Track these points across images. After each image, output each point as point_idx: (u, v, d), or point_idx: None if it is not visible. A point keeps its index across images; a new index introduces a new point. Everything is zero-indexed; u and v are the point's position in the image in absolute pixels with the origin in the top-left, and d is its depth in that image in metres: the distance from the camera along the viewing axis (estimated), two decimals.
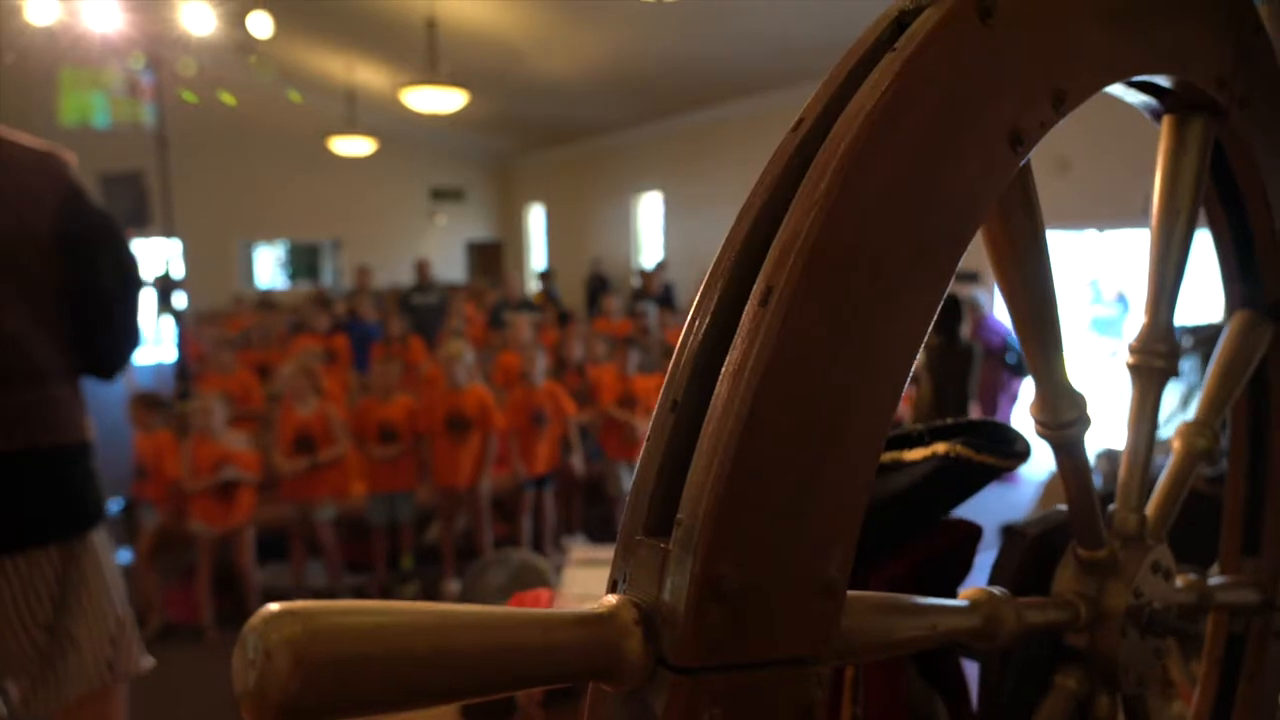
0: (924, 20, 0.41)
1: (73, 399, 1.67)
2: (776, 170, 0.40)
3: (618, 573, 0.37)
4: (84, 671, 1.65)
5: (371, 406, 4.60)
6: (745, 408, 0.34)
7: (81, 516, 1.67)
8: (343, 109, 11.89)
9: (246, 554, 4.22)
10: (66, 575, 1.64)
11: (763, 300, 0.35)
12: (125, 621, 1.73)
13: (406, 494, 4.63)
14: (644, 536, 0.37)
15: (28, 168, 1.61)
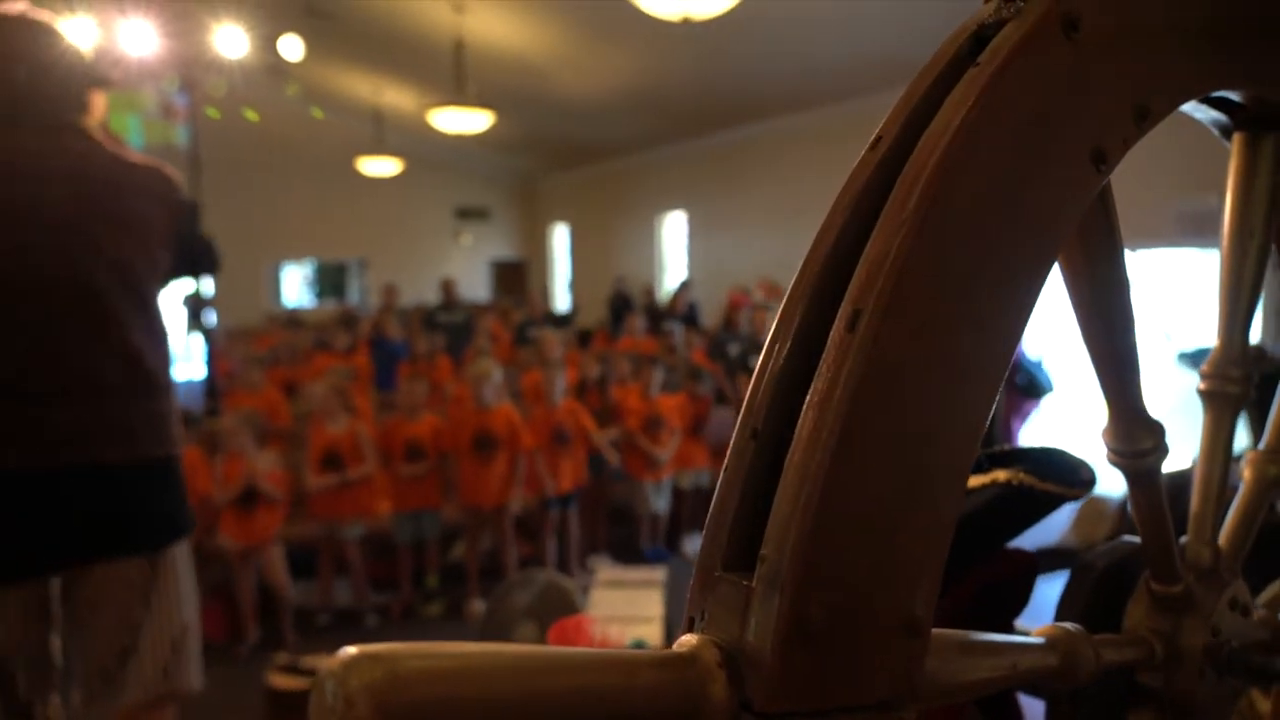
0: (1007, 35, 0.39)
1: (174, 413, 1.73)
2: (856, 189, 0.39)
3: (695, 609, 0.35)
4: (142, 676, 1.67)
5: (398, 425, 4.61)
6: (834, 438, 0.32)
7: (174, 527, 1.72)
8: (370, 130, 12.05)
9: (278, 571, 4.22)
10: (151, 582, 1.68)
11: (850, 324, 0.34)
12: (190, 631, 1.75)
13: (432, 512, 4.63)
14: (724, 572, 0.35)
15: (144, 190, 1.69)
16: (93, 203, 1.61)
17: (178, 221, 1.74)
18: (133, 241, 1.64)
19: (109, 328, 1.60)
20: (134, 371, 1.63)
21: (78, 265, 1.58)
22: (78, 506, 1.60)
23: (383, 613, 4.59)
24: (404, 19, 8.65)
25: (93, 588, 1.65)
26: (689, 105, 9.64)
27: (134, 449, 1.63)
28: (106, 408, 1.60)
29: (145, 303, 1.67)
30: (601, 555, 5.30)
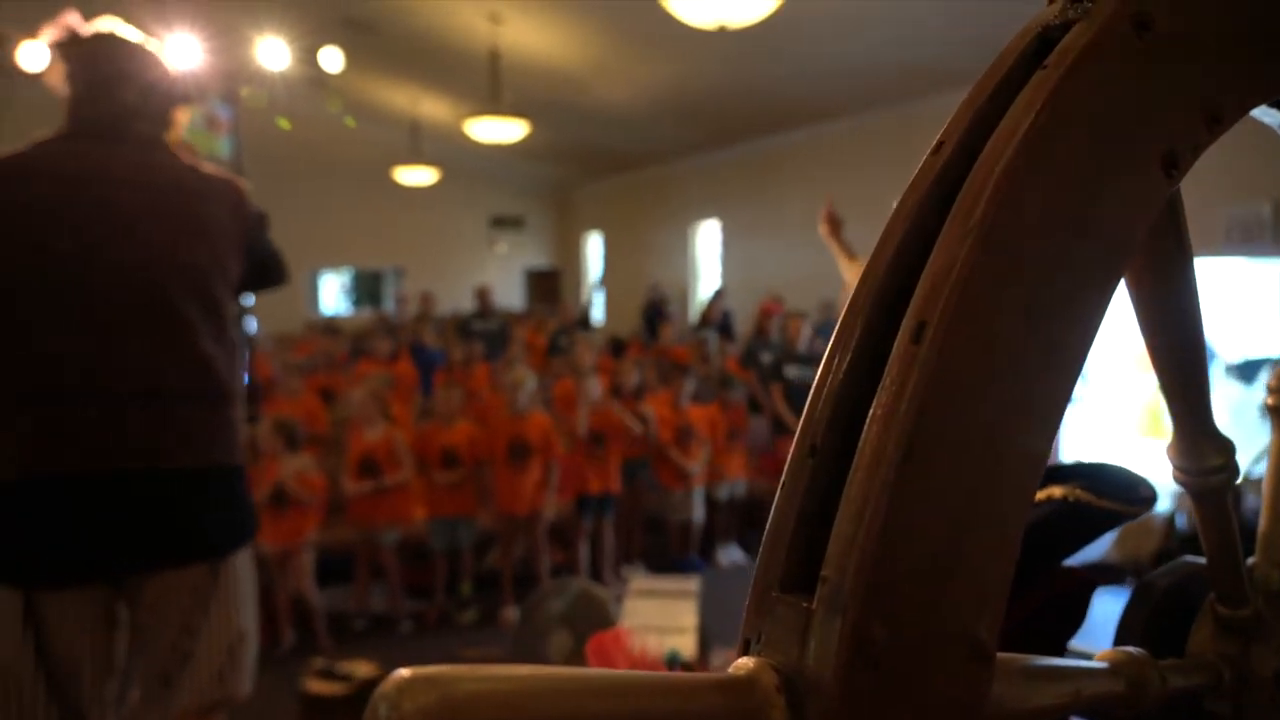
0: (1076, 36, 0.38)
1: (240, 421, 1.76)
2: (918, 196, 0.37)
3: (751, 631, 0.34)
4: (198, 681, 1.69)
5: (434, 432, 4.64)
6: (898, 453, 0.31)
7: (238, 534, 1.74)
8: (407, 140, 12.19)
9: (305, 577, 4.27)
10: (219, 585, 1.70)
11: (915, 336, 0.32)
12: (248, 637, 1.77)
13: (467, 519, 4.65)
14: (781, 593, 0.34)
15: (217, 200, 1.73)
16: (168, 211, 1.65)
17: (248, 232, 1.78)
18: (206, 249, 1.68)
19: (180, 334, 1.62)
20: (203, 379, 1.66)
21: (151, 271, 1.61)
22: (145, 512, 1.62)
23: (417, 619, 4.62)
24: (441, 30, 8.74)
25: (157, 593, 1.67)
26: (723, 113, 9.62)
27: (202, 456, 1.65)
28: (175, 414, 1.62)
29: (216, 310, 1.69)
30: (635, 564, 5.28)
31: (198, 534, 1.69)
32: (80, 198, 1.58)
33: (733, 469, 5.50)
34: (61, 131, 1.67)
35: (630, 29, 7.87)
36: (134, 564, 1.63)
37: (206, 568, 1.70)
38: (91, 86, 1.69)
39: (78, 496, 1.56)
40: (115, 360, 1.57)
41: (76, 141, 1.65)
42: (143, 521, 1.62)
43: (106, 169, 1.62)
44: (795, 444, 0.36)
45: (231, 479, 1.75)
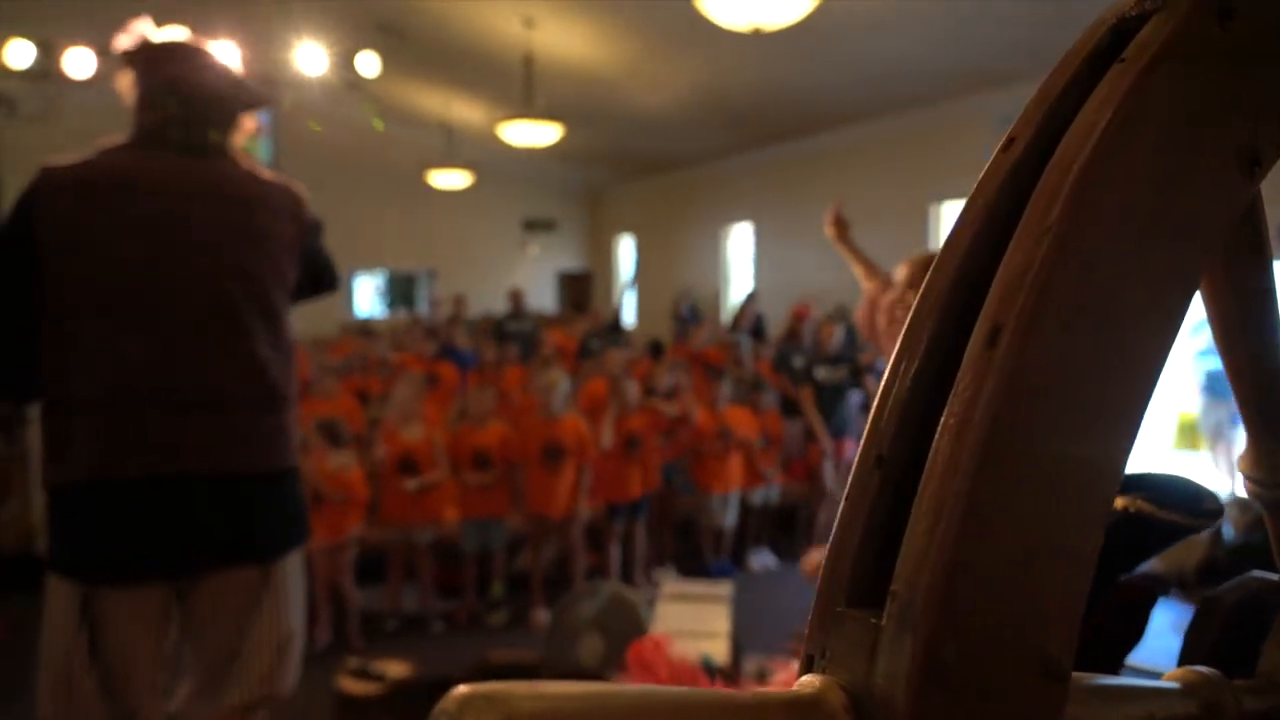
0: (1155, 28, 0.36)
1: (295, 424, 1.79)
2: (988, 195, 0.36)
3: (814, 647, 0.33)
4: (246, 679, 1.73)
5: (467, 433, 4.66)
6: (973, 463, 0.30)
7: (291, 536, 1.78)
8: (440, 143, 12.29)
9: (346, 574, 4.30)
10: (270, 586, 1.73)
11: (989, 341, 0.31)
12: (295, 637, 1.80)
13: (499, 521, 4.67)
14: (848, 608, 0.33)
15: (275, 206, 1.75)
16: (230, 221, 1.67)
17: (305, 238, 1.79)
18: (263, 256, 1.70)
19: (239, 341, 1.65)
20: (259, 385, 1.68)
21: (214, 281, 1.64)
22: (203, 516, 1.65)
23: (448, 619, 4.64)
24: (474, 35, 8.81)
25: (210, 593, 1.70)
26: (757, 115, 9.58)
27: (257, 461, 1.69)
28: (233, 421, 1.65)
29: (273, 316, 1.72)
30: (666, 568, 5.26)
31: (252, 537, 1.72)
32: (145, 208, 1.61)
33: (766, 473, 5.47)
34: (128, 140, 1.70)
35: (663, 32, 7.86)
36: (191, 566, 1.67)
37: (259, 569, 1.73)
38: (159, 94, 1.71)
39: (140, 500, 1.60)
40: (179, 368, 1.61)
41: (142, 150, 1.67)
42: (201, 524, 1.66)
43: (171, 179, 1.65)
44: (860, 453, 0.35)
45: (285, 482, 1.78)
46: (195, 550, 1.67)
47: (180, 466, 1.61)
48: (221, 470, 1.64)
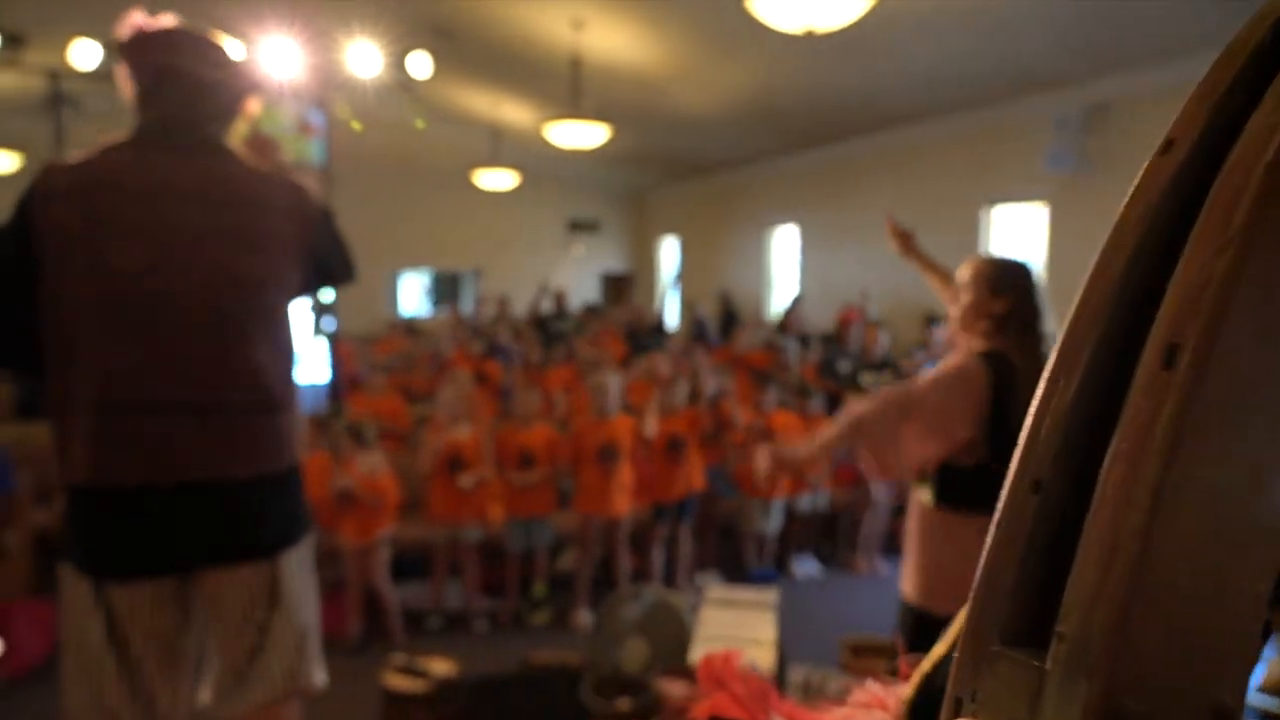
0: None
1: (294, 425, 1.80)
2: (1149, 201, 0.33)
3: (962, 688, 0.31)
4: (270, 675, 1.76)
5: (512, 433, 4.67)
6: (1149, 497, 0.27)
7: (290, 534, 1.80)
8: (487, 143, 12.38)
9: (380, 574, 4.33)
10: (276, 582, 1.76)
11: (1165, 360, 0.28)
12: (311, 632, 1.83)
13: (544, 521, 4.67)
14: (1002, 647, 0.30)
15: (274, 206, 1.73)
16: (226, 225, 1.65)
17: (309, 235, 1.77)
18: (261, 260, 1.68)
19: (233, 348, 1.65)
20: (256, 390, 1.69)
21: (206, 286, 1.63)
22: (198, 518, 1.68)
23: (490, 618, 4.65)
24: (522, 36, 8.84)
25: (216, 588, 1.74)
26: (805, 117, 9.50)
27: (253, 464, 1.70)
28: (230, 427, 1.66)
29: (271, 321, 1.71)
30: (709, 572, 5.23)
31: (252, 535, 1.74)
32: (141, 213, 1.60)
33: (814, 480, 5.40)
34: (128, 137, 1.68)
35: (712, 34, 7.83)
36: (191, 562, 1.70)
37: (264, 565, 1.75)
38: (155, 88, 1.69)
39: (136, 505, 1.63)
40: (174, 375, 1.62)
41: (140, 151, 1.65)
42: (198, 527, 1.68)
43: (168, 183, 1.63)
44: (1013, 477, 0.32)
45: (283, 483, 1.78)
46: (194, 549, 1.69)
47: (175, 475, 1.63)
48: (217, 475, 1.66)
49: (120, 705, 1.67)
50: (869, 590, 5.23)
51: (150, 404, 1.61)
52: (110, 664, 1.66)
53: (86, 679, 1.67)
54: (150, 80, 1.69)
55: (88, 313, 1.59)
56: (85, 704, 1.67)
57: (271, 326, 1.72)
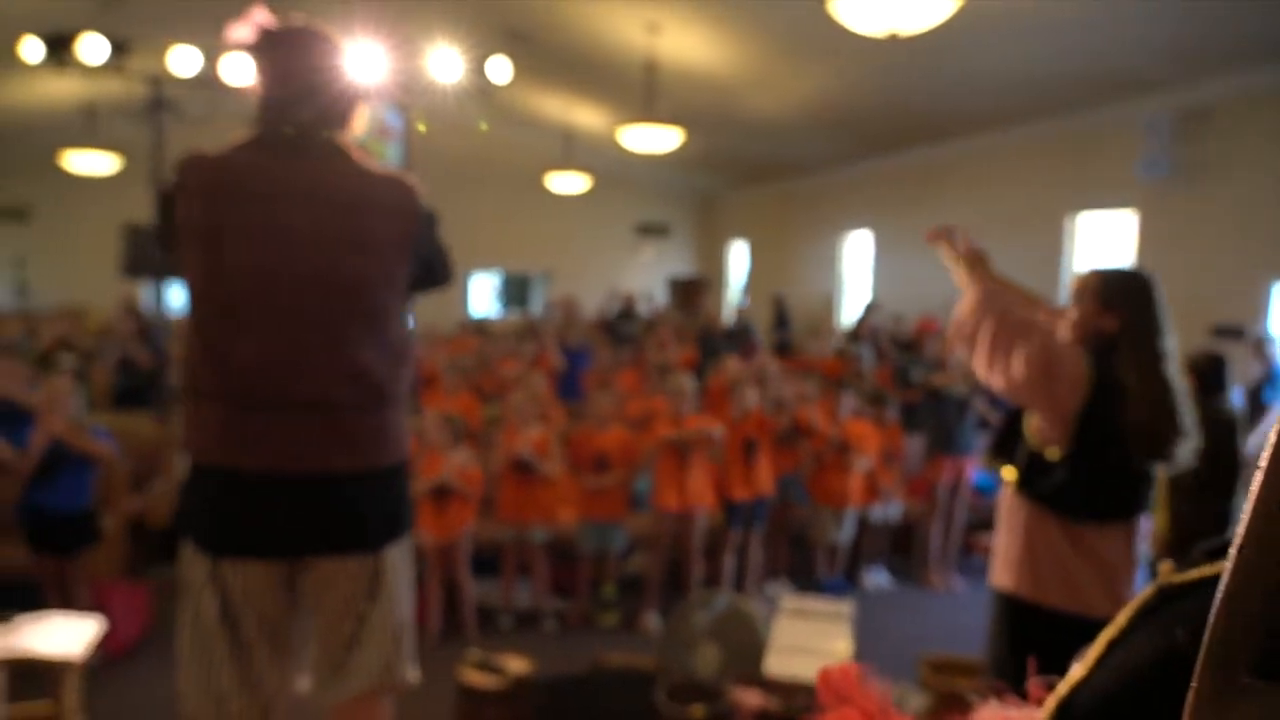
0: None
1: (402, 421, 1.85)
2: None
3: None
4: (368, 667, 1.81)
5: (587, 435, 4.70)
6: None
7: (394, 529, 1.85)
8: (560, 147, 12.52)
9: (462, 567, 4.41)
10: (377, 576, 1.81)
11: None
12: (407, 627, 1.88)
13: (617, 523, 4.69)
14: (1254, 679, 0.29)
15: (384, 207, 1.76)
16: (333, 224, 1.69)
17: (415, 235, 1.79)
18: (369, 261, 1.72)
19: (339, 349, 1.70)
20: (362, 388, 1.73)
21: (315, 288, 1.68)
22: (309, 508, 1.74)
23: (560, 618, 4.69)
24: (598, 40, 8.91)
25: (321, 577, 1.80)
26: (882, 122, 9.36)
27: (360, 459, 1.75)
28: (336, 423, 1.72)
29: (378, 320, 1.75)
30: (779, 581, 5.18)
31: (357, 529, 1.79)
32: (256, 215, 1.65)
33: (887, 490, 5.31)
34: (251, 138, 1.73)
35: (789, 38, 7.77)
36: (300, 548, 1.77)
37: (368, 558, 1.80)
38: (280, 85, 1.73)
39: (256, 488, 1.71)
40: (288, 372, 1.68)
41: (260, 152, 1.70)
42: (308, 516, 1.74)
43: (282, 186, 1.68)
44: (1257, 496, 0.31)
45: (390, 478, 1.83)
46: (303, 537, 1.76)
47: (291, 466, 1.70)
48: (328, 469, 1.72)
49: (229, 687, 1.74)
50: (944, 606, 5.11)
51: (268, 400, 1.68)
52: (223, 645, 1.73)
53: (198, 658, 1.75)
54: (275, 79, 1.74)
55: (212, 309, 1.67)
56: (196, 685, 1.75)
57: (380, 326, 1.76)
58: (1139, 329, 2.10)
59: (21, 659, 2.72)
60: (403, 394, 1.84)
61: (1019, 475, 2.26)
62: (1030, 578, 2.19)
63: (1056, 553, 2.17)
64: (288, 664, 1.84)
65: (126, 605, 4.18)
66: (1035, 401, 2.17)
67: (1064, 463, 2.15)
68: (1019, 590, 2.21)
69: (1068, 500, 2.16)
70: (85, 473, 4.07)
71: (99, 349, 7.45)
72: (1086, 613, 2.13)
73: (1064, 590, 2.15)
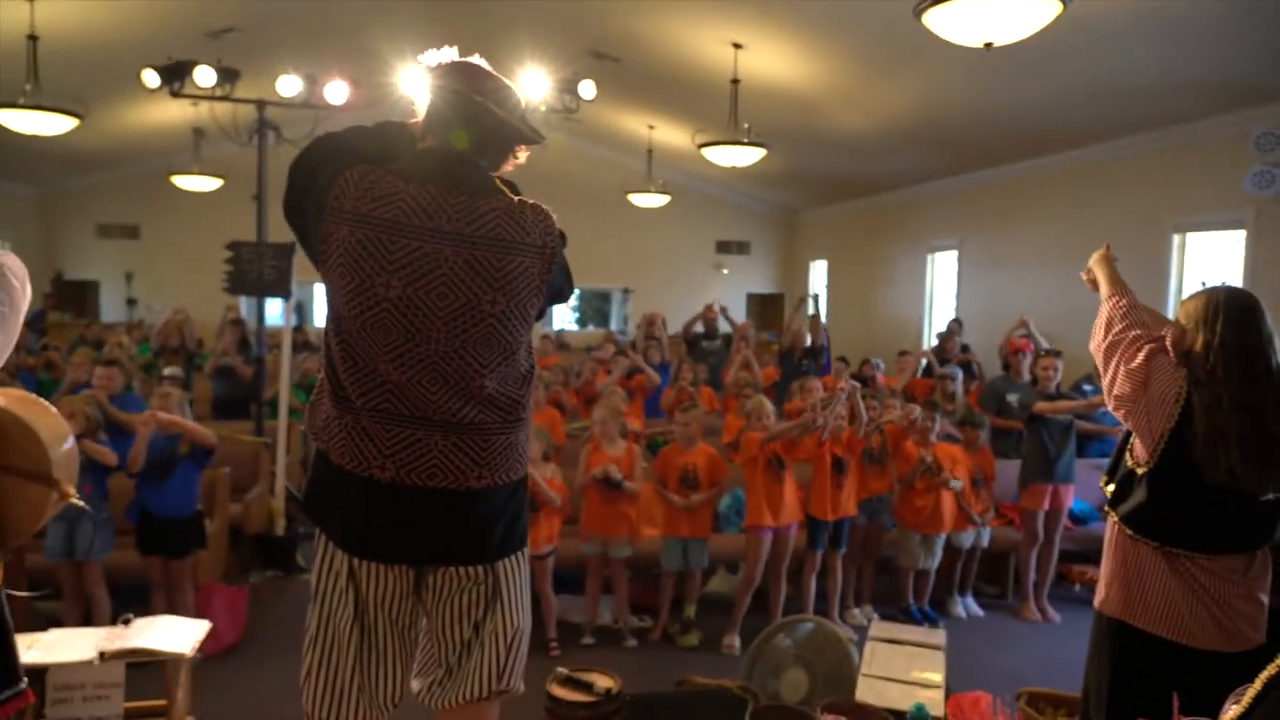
0: None
1: (525, 440, 1.93)
2: None
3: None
4: (480, 672, 1.87)
5: (674, 452, 4.69)
6: None
7: (514, 540, 1.92)
8: (640, 165, 12.62)
9: (546, 580, 4.44)
10: (496, 585, 1.88)
11: None
12: (523, 635, 1.93)
13: (701, 541, 4.65)
14: None
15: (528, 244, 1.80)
16: (478, 262, 1.74)
17: (552, 265, 1.85)
18: (509, 299, 1.77)
19: (474, 375, 1.77)
20: (492, 411, 1.81)
21: (453, 319, 1.74)
22: (437, 517, 1.81)
23: (639, 636, 4.67)
24: (681, 58, 8.96)
25: (442, 585, 1.87)
26: (972, 137, 9.14)
27: (487, 476, 1.82)
28: (467, 442, 1.79)
29: (510, 350, 1.81)
30: (864, 607, 5.06)
31: (480, 540, 1.86)
32: (404, 248, 1.70)
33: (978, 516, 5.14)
34: (408, 164, 1.77)
35: (876, 53, 7.67)
36: (426, 556, 1.85)
37: (487, 569, 1.87)
38: (440, 121, 1.80)
39: (387, 494, 1.78)
40: (424, 394, 1.75)
41: (413, 183, 1.74)
42: (436, 525, 1.82)
43: (431, 220, 1.72)
44: None
45: (512, 493, 1.90)
46: (429, 546, 1.83)
47: (420, 479, 1.77)
48: (455, 484, 1.79)
49: (352, 687, 1.83)
50: (1040, 638, 4.91)
51: (404, 416, 1.76)
52: (354, 646, 1.82)
53: (325, 656, 1.83)
54: (445, 106, 1.80)
55: (355, 326, 1.74)
56: (321, 681, 1.83)
57: (510, 355, 1.82)
58: (1236, 353, 2.03)
59: (138, 657, 2.85)
60: (528, 414, 1.90)
61: (1112, 493, 2.26)
62: (1121, 597, 2.17)
63: (1153, 576, 2.13)
64: (406, 667, 1.91)
65: (227, 607, 4.35)
66: (1129, 417, 2.16)
67: (1143, 481, 2.14)
68: (1111, 609, 2.19)
69: (1145, 520, 2.14)
70: (194, 478, 4.25)
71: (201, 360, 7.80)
72: (1188, 642, 2.08)
73: (1163, 616, 2.11)
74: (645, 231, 14.65)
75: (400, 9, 8.83)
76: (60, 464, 1.93)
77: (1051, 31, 4.66)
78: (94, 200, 14.13)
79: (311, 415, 1.90)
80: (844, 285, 14.08)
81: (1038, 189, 9.39)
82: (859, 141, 10.19)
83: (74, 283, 14.10)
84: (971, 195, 10.67)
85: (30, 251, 13.62)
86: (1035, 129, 8.46)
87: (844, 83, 8.61)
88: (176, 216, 13.55)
